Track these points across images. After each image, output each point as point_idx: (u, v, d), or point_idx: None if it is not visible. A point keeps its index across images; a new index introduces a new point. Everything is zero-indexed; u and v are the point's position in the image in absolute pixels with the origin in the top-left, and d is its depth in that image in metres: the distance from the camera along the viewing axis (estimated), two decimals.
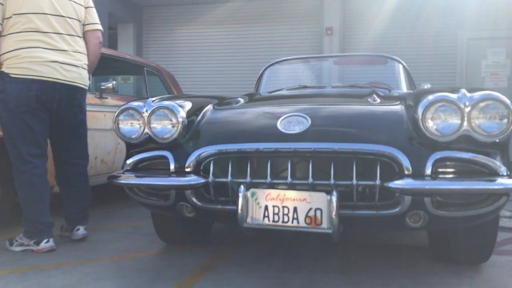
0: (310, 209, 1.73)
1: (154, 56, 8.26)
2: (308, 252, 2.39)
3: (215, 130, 2.08)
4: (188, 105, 2.19)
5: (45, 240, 2.37)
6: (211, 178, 1.89)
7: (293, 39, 7.81)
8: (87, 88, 2.60)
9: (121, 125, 2.13)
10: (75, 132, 2.58)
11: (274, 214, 1.77)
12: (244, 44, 8.06)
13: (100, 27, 2.63)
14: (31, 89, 2.29)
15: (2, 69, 2.32)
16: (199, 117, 2.16)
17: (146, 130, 2.08)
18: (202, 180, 1.89)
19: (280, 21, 7.91)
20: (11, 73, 2.30)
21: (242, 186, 1.80)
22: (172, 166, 1.99)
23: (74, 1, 2.47)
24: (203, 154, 1.94)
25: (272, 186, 1.81)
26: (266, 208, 1.78)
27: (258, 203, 1.78)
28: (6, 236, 2.59)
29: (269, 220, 1.78)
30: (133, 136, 2.10)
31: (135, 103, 2.14)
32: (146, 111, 2.09)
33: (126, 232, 2.85)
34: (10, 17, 2.30)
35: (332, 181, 1.73)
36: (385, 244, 2.61)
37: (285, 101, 2.49)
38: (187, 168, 1.95)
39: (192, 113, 2.16)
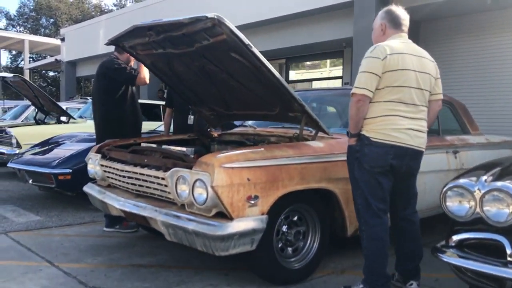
0: None
1: None
2: None
3: None
4: None
5: None
6: None
7: None
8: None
9: (448, 203, 2.13)
10: (412, 190, 2.75)
11: None
12: None
13: (442, 96, 2.78)
14: (389, 153, 2.52)
15: (362, 132, 2.57)
16: None
17: (478, 211, 2.03)
18: None
19: None
20: (372, 137, 2.53)
21: None
22: (509, 253, 1.89)
23: (431, 75, 2.68)
24: None
25: None
26: None
27: None
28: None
29: None
30: (463, 215, 2.08)
31: (464, 181, 2.11)
32: (479, 190, 2.03)
33: (430, 286, 2.85)
34: (383, 88, 2.55)
35: None
36: None
37: None
38: None
39: None
